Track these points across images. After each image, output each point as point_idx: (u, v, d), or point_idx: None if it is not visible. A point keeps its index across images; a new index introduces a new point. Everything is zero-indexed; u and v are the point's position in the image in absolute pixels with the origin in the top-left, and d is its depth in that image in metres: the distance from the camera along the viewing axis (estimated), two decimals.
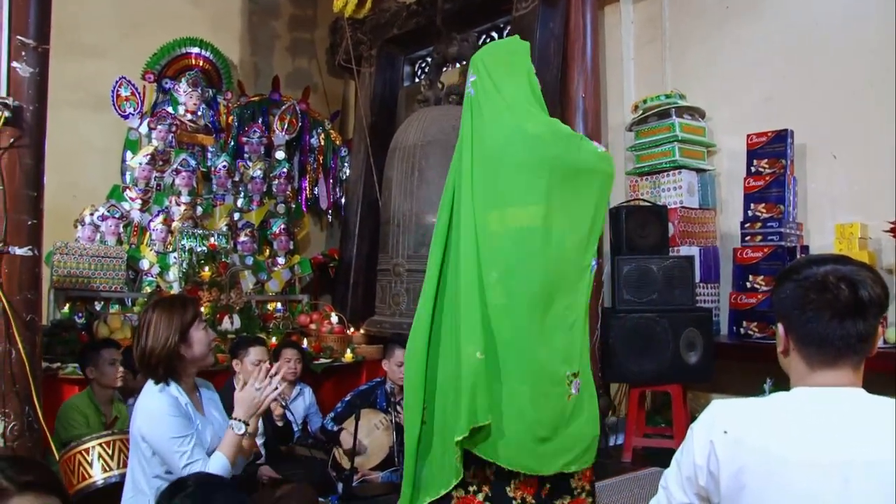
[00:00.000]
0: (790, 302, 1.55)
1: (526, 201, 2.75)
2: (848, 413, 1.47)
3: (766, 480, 1.45)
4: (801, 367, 1.55)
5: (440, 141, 5.61)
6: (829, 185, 4.31)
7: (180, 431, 2.58)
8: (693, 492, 1.58)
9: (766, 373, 3.71)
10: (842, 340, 1.49)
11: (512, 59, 2.99)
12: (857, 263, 1.53)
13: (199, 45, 6.41)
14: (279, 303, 6.23)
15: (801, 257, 1.62)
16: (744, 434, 1.50)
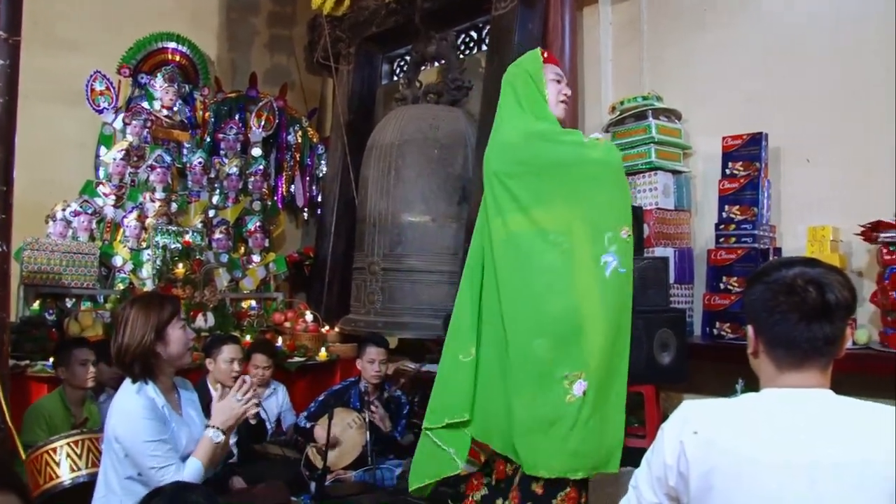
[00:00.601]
0: (759, 304, 1.56)
1: (516, 207, 2.81)
2: (815, 414, 1.48)
3: (734, 481, 1.46)
4: (770, 369, 1.56)
5: (417, 140, 5.60)
6: (803, 188, 4.34)
7: (155, 435, 2.55)
8: (663, 492, 1.59)
9: (739, 373, 3.72)
10: (809, 343, 1.50)
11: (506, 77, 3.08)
12: (826, 266, 1.55)
13: (177, 40, 6.35)
14: (254, 301, 6.20)
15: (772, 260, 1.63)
16: (713, 435, 1.51)
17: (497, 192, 2.87)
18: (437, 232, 5.56)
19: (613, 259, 2.71)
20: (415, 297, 5.56)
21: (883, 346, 3.70)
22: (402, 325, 5.55)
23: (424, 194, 5.56)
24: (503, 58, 5.21)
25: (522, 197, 2.80)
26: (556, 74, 3.00)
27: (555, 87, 2.97)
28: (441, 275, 5.55)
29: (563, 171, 2.80)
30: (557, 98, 2.97)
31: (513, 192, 2.82)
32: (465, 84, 5.92)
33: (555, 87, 2.97)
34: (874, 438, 1.43)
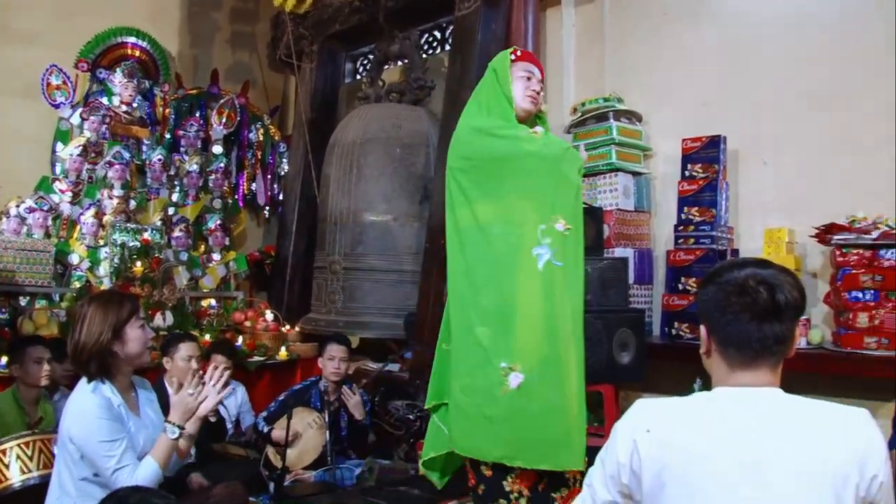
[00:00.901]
0: (712, 304, 1.58)
1: (464, 201, 2.88)
2: (766, 413, 1.51)
3: (687, 479, 1.48)
4: (722, 368, 1.59)
5: (380, 139, 5.60)
6: (760, 190, 4.41)
7: (110, 435, 2.52)
8: (616, 489, 1.60)
9: (697, 373, 3.74)
10: (760, 342, 1.52)
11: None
12: (777, 267, 1.57)
13: (137, 34, 6.26)
14: (213, 299, 6.13)
15: (724, 261, 1.65)
16: (666, 433, 1.53)
17: (451, 186, 2.95)
18: (398, 231, 5.56)
19: (546, 252, 2.72)
20: (376, 297, 5.55)
21: (836, 345, 3.78)
22: (363, 325, 5.54)
23: (386, 193, 5.56)
24: (466, 58, 5.22)
25: (469, 191, 2.87)
26: (526, 71, 3.01)
27: (522, 84, 2.99)
28: (402, 274, 5.55)
29: (501, 165, 2.85)
30: (524, 94, 2.98)
31: (462, 186, 2.89)
32: (428, 84, 5.92)
33: (523, 83, 2.99)
34: (822, 436, 1.46)
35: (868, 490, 1.45)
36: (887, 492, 1.49)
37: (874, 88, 3.97)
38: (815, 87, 4.18)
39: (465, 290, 2.85)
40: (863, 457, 1.45)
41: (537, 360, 2.69)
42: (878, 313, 3.61)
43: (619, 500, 1.61)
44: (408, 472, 4.29)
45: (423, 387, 4.85)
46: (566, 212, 2.77)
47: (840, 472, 1.43)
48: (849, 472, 1.43)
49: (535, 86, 3.01)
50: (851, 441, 1.46)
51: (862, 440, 1.47)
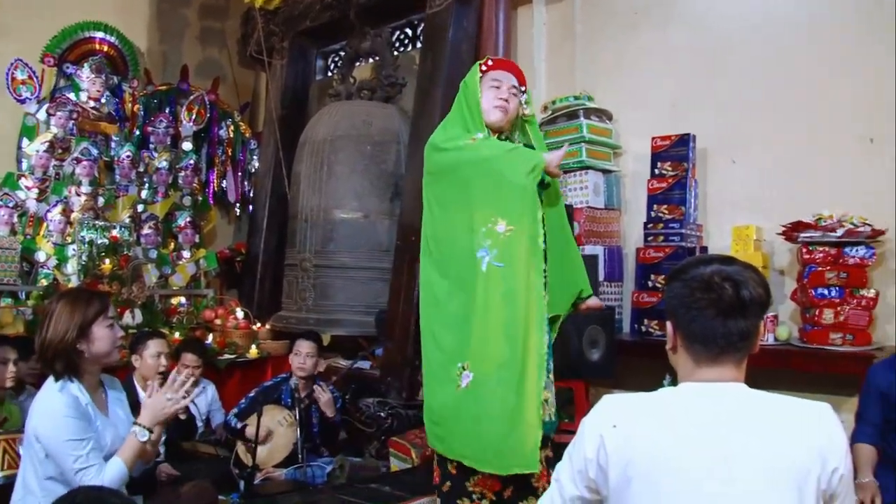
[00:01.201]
0: (678, 301, 1.60)
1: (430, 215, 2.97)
2: (730, 407, 1.53)
3: (653, 473, 1.50)
4: (687, 364, 1.60)
5: (351, 136, 5.59)
6: (728, 188, 4.45)
7: (77, 434, 2.48)
8: (584, 484, 1.62)
9: (666, 369, 3.78)
10: (724, 338, 1.54)
11: None
12: (741, 264, 1.59)
13: (104, 29, 6.19)
14: (183, 297, 6.08)
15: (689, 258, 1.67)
16: (632, 428, 1.54)
17: (425, 200, 3.01)
18: (369, 228, 5.55)
19: (486, 253, 2.73)
20: (347, 294, 5.54)
21: (802, 342, 3.83)
22: (334, 322, 5.53)
23: (357, 191, 5.55)
24: (437, 55, 5.23)
25: (433, 205, 2.95)
26: (496, 80, 2.97)
27: (492, 94, 2.95)
28: (373, 271, 5.54)
29: (448, 177, 2.90)
30: (493, 104, 2.94)
31: (429, 199, 2.98)
32: (399, 81, 5.92)
33: (493, 93, 2.95)
34: (785, 431, 1.48)
35: (829, 483, 1.48)
36: (847, 484, 1.52)
37: (840, 88, 4.03)
38: (782, 87, 4.23)
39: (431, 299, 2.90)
40: (824, 450, 1.47)
41: (487, 361, 2.69)
42: (843, 310, 3.67)
43: (586, 495, 1.62)
44: (379, 469, 4.30)
45: (394, 384, 4.88)
46: (508, 213, 2.73)
47: (802, 465, 1.45)
48: (810, 466, 1.45)
49: (504, 93, 2.95)
50: (813, 435, 1.48)
51: (824, 434, 1.49)
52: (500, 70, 3.02)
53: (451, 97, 5.03)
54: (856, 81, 3.98)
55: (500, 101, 2.94)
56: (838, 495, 1.51)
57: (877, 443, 3.07)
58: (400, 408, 4.72)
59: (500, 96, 2.94)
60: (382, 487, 3.65)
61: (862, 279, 3.72)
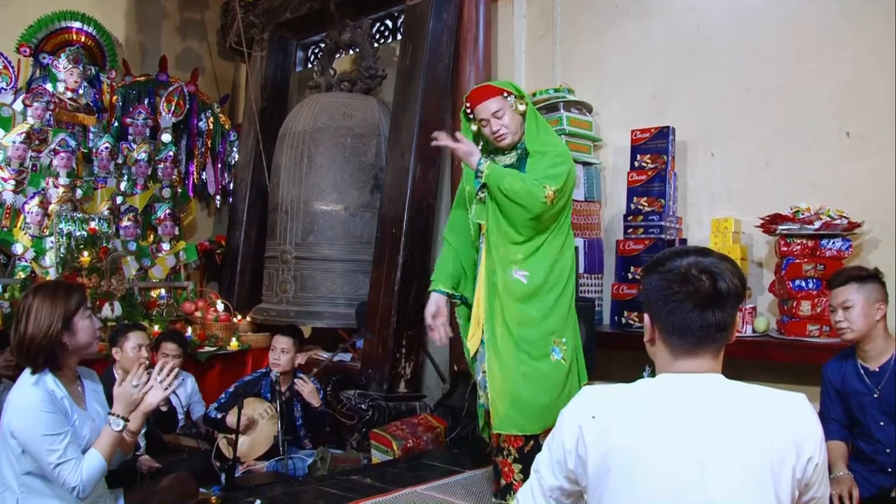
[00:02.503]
0: (655, 293, 1.61)
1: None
2: (707, 398, 1.54)
3: (630, 464, 1.51)
4: (665, 356, 1.62)
5: (330, 128, 5.58)
6: (707, 181, 4.48)
7: (53, 429, 2.46)
8: (563, 475, 1.63)
9: (646, 361, 3.81)
10: (702, 329, 1.55)
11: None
12: (717, 255, 1.60)
13: (82, 19, 6.14)
14: (163, 290, 6.06)
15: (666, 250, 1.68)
16: (611, 419, 1.56)
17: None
18: (349, 220, 5.55)
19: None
20: (327, 286, 5.54)
21: (780, 333, 3.86)
22: (314, 315, 5.53)
23: (337, 183, 5.54)
24: (417, 47, 5.22)
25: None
26: (482, 121, 3.27)
27: (486, 131, 3.28)
28: (354, 263, 5.54)
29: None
30: (492, 139, 3.28)
31: None
32: (380, 73, 5.91)
33: (486, 130, 3.28)
34: (761, 420, 1.50)
35: (804, 472, 1.49)
36: (822, 473, 1.54)
37: (817, 81, 4.06)
38: (761, 81, 4.26)
39: None
40: (800, 440, 1.49)
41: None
42: (820, 301, 3.70)
43: (565, 486, 1.63)
44: (360, 461, 4.30)
45: (375, 376, 4.89)
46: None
47: (778, 455, 1.47)
48: (786, 455, 1.47)
49: (494, 126, 3.23)
50: (789, 425, 1.50)
51: (799, 424, 1.51)
52: (479, 105, 3.26)
53: (432, 89, 5.12)
54: (833, 75, 4.01)
55: (493, 134, 3.26)
56: (813, 484, 1.53)
57: (845, 438, 3.11)
58: (381, 400, 4.73)
59: (492, 131, 3.25)
60: (364, 479, 3.66)
61: None
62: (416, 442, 4.33)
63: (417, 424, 4.50)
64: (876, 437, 2.99)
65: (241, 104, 7.34)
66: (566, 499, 1.67)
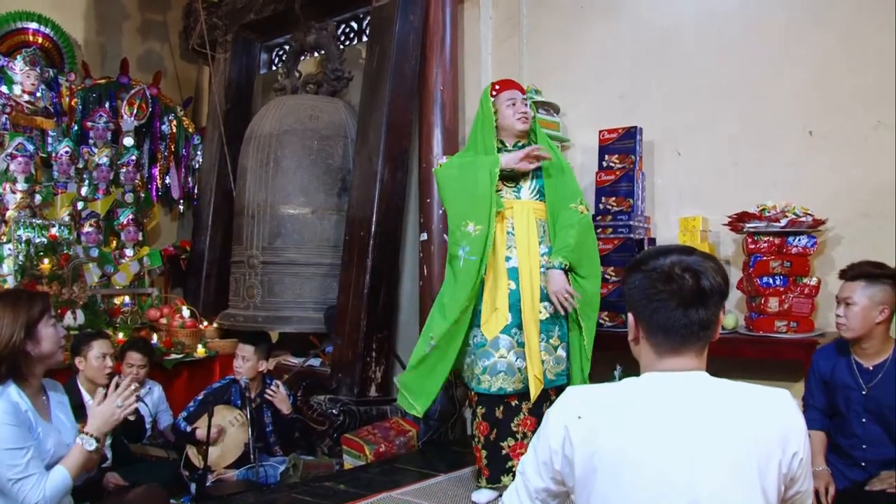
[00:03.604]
0: (638, 292, 1.61)
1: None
2: (692, 395, 1.54)
3: (618, 463, 1.51)
4: (650, 354, 1.62)
5: (297, 131, 5.53)
6: (674, 180, 4.51)
7: (16, 443, 2.39)
8: (549, 476, 1.62)
9: (617, 360, 3.85)
10: (686, 328, 1.56)
11: None
12: (700, 254, 1.61)
13: (38, 20, 6.02)
14: (127, 297, 5.95)
15: (648, 248, 1.68)
16: (597, 419, 1.55)
17: None
18: (317, 224, 5.50)
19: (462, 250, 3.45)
20: (295, 291, 5.48)
21: (749, 329, 3.90)
22: (283, 319, 5.47)
23: (304, 186, 5.49)
24: (384, 49, 5.19)
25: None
26: (510, 99, 3.62)
27: (510, 111, 3.60)
28: (322, 267, 5.49)
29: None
30: (515, 118, 3.60)
31: None
32: (346, 75, 5.87)
33: (510, 110, 3.60)
34: (747, 417, 1.51)
35: (790, 467, 1.51)
36: (806, 467, 1.55)
37: (782, 81, 4.11)
38: (726, 81, 4.30)
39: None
40: (785, 435, 1.50)
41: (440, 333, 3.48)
42: (787, 298, 3.75)
43: (551, 487, 1.63)
44: (332, 466, 4.26)
45: (345, 380, 4.85)
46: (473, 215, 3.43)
47: (764, 450, 1.48)
48: (772, 450, 1.48)
49: (521, 107, 3.62)
50: (774, 420, 1.51)
51: (784, 419, 1.52)
52: (509, 90, 3.66)
53: (399, 91, 5.10)
54: (797, 75, 4.06)
55: (521, 113, 3.60)
56: (798, 478, 1.54)
57: (824, 427, 3.14)
58: (352, 404, 4.69)
59: (521, 111, 3.61)
60: (337, 485, 3.62)
61: (804, 268, 3.80)
62: (389, 446, 4.30)
63: (389, 428, 4.47)
64: (856, 432, 3.03)
65: (205, 107, 7.25)
66: (552, 500, 1.66)
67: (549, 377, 3.45)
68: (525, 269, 3.48)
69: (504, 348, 3.41)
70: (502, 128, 3.65)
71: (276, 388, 4.31)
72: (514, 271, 3.49)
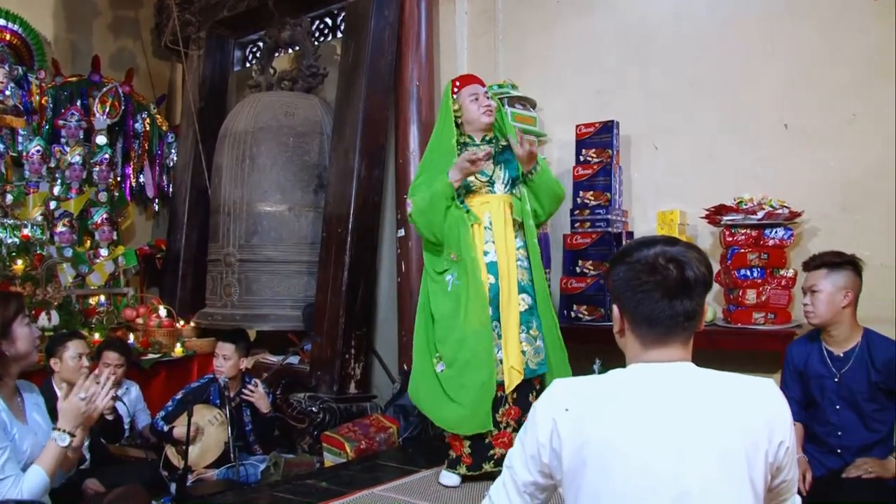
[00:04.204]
0: (623, 284, 1.61)
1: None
2: (678, 386, 1.55)
3: (606, 455, 1.51)
4: (635, 346, 1.62)
5: (272, 127, 5.50)
6: (652, 174, 4.53)
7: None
8: (537, 469, 1.62)
9: (596, 353, 3.86)
10: (671, 319, 1.56)
11: None
12: (685, 244, 1.61)
13: (6, 17, 5.94)
14: (102, 296, 5.88)
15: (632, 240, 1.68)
16: (584, 411, 1.55)
17: None
18: (293, 221, 5.48)
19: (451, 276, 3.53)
20: (273, 289, 5.46)
21: (727, 322, 3.93)
22: (260, 318, 5.45)
23: (280, 183, 5.46)
24: (359, 44, 5.17)
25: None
26: (472, 94, 3.63)
27: (474, 106, 3.62)
28: (299, 265, 5.47)
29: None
30: (480, 112, 3.61)
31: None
32: (321, 71, 5.84)
33: (474, 105, 3.62)
34: (733, 406, 1.51)
35: (776, 455, 1.51)
36: (792, 455, 1.56)
37: (759, 75, 4.13)
38: (703, 75, 4.32)
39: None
40: (771, 424, 1.51)
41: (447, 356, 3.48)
42: (765, 290, 3.78)
43: (539, 481, 1.62)
44: (313, 464, 4.24)
45: (324, 378, 4.83)
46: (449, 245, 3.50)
47: (751, 440, 1.48)
48: (759, 440, 1.49)
49: (485, 101, 3.62)
50: (760, 409, 1.52)
51: (770, 408, 1.53)
52: (470, 85, 3.68)
53: (375, 86, 5.08)
54: (774, 69, 4.09)
55: (485, 107, 3.61)
56: (784, 467, 1.55)
57: (802, 419, 3.18)
58: (331, 402, 4.68)
59: (483, 104, 3.61)
60: (319, 483, 3.60)
61: (781, 259, 3.84)
62: (369, 443, 4.29)
63: (369, 425, 4.45)
64: (830, 420, 3.08)
65: (179, 105, 7.19)
66: (540, 493, 1.66)
67: (532, 367, 3.51)
68: (503, 262, 3.52)
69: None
70: (468, 122, 3.66)
71: (255, 386, 4.27)
72: (494, 266, 3.51)
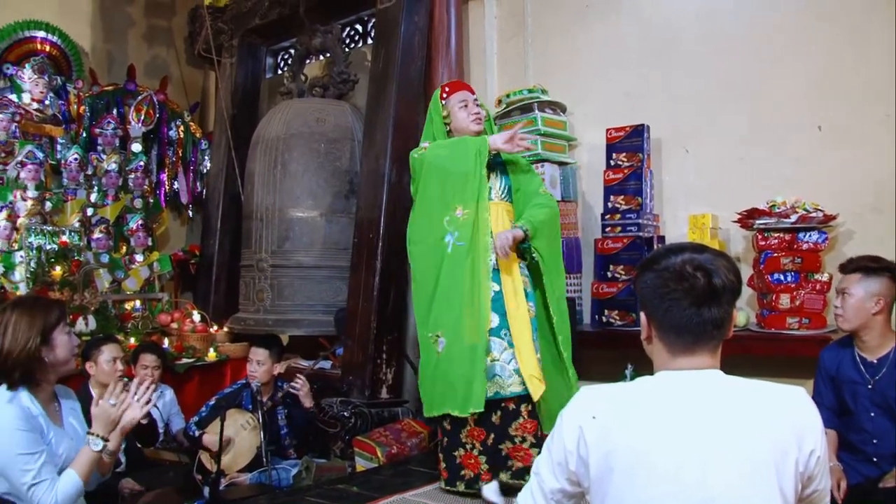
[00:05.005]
0: (650, 291, 1.60)
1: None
2: (707, 394, 1.54)
3: (633, 463, 1.50)
4: (663, 353, 1.61)
5: (304, 133, 5.53)
6: (683, 177, 4.50)
7: (28, 448, 2.39)
8: (564, 477, 1.62)
9: (628, 359, 3.85)
10: (699, 326, 1.55)
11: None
12: (713, 252, 1.60)
13: (46, 28, 6.05)
14: (138, 302, 5.97)
15: (660, 247, 1.68)
16: (611, 418, 1.55)
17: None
18: (325, 227, 5.51)
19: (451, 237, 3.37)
20: (305, 294, 5.49)
21: (760, 327, 3.89)
22: (293, 323, 5.48)
23: (312, 189, 5.50)
24: (389, 51, 5.19)
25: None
26: (461, 101, 3.60)
27: (463, 113, 3.58)
28: (331, 270, 5.50)
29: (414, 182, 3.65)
30: (469, 120, 3.56)
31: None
32: (352, 78, 5.88)
33: (463, 112, 3.58)
34: (762, 414, 1.50)
35: (806, 464, 1.50)
36: (823, 465, 1.54)
37: (789, 76, 4.09)
38: (731, 77, 4.29)
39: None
40: (801, 432, 1.49)
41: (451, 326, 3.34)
42: (799, 294, 3.74)
43: (567, 488, 1.62)
44: (345, 469, 4.26)
45: (356, 383, 4.85)
46: (463, 199, 3.35)
47: (780, 449, 1.47)
48: (788, 449, 1.47)
49: (474, 108, 3.58)
50: (790, 418, 1.50)
51: (800, 417, 1.52)
52: (460, 91, 3.65)
53: (405, 92, 5.10)
54: (805, 69, 4.05)
55: (474, 115, 3.57)
56: (815, 476, 1.53)
57: (835, 426, 3.13)
58: (363, 406, 4.69)
59: (473, 112, 3.57)
60: (350, 488, 3.62)
61: (816, 263, 3.80)
62: (401, 448, 4.30)
63: (401, 430, 4.46)
64: (865, 427, 3.02)
65: (212, 112, 7.26)
66: (567, 500, 1.66)
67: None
68: (505, 269, 3.43)
69: (496, 351, 3.33)
70: (456, 130, 3.61)
71: (301, 380, 4.33)
72: (497, 273, 3.41)
